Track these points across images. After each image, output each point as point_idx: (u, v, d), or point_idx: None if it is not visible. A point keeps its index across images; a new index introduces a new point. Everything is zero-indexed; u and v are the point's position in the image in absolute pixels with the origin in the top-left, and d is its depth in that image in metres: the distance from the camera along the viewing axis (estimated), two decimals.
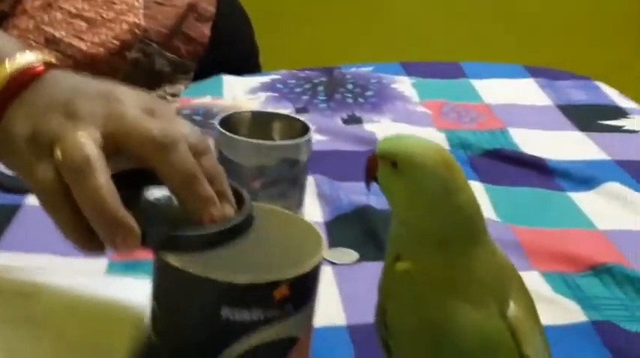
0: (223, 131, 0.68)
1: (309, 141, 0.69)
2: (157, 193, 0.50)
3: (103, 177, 0.45)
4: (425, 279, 0.43)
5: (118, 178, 0.47)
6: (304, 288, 0.48)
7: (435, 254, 0.43)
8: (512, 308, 0.44)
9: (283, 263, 0.48)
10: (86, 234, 0.46)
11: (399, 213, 0.45)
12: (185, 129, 0.48)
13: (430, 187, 0.43)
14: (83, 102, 0.48)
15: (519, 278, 0.46)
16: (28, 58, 0.50)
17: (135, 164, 0.51)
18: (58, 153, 0.45)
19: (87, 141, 0.45)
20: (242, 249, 0.53)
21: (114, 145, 0.47)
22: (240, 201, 0.50)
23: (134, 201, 0.49)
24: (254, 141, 0.67)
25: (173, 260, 0.46)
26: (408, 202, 0.44)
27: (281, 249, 0.53)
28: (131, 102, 0.48)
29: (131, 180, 0.50)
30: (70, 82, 0.50)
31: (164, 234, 0.45)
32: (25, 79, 0.50)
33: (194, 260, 0.47)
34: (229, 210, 0.48)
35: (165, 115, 0.49)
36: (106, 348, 0.51)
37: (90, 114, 0.47)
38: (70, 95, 0.49)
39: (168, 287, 0.48)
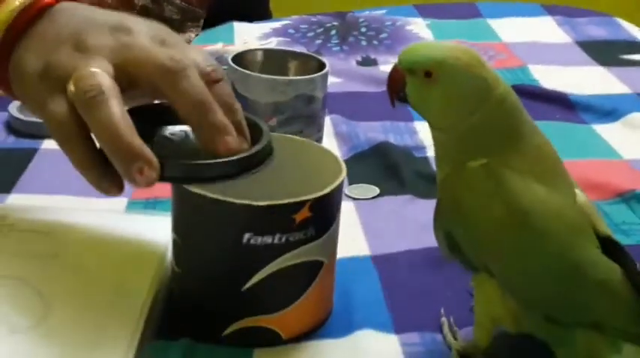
0: (236, 67, 0.67)
1: (325, 76, 0.68)
2: (174, 129, 0.49)
3: (116, 105, 0.43)
4: (503, 166, 0.42)
5: (136, 115, 0.46)
6: (325, 211, 0.47)
7: (493, 150, 0.43)
8: (580, 195, 0.44)
9: (303, 186, 0.47)
10: (103, 171, 0.45)
11: (441, 123, 0.44)
12: (197, 57, 0.47)
13: (472, 88, 0.42)
14: (93, 34, 0.47)
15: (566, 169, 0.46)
16: None
17: (150, 98, 0.50)
18: (71, 86, 0.44)
19: (98, 72, 0.44)
20: (261, 175, 0.52)
21: (126, 76, 0.46)
22: (258, 133, 0.49)
23: (152, 138, 0.48)
24: (268, 76, 0.65)
25: (192, 186, 0.45)
26: (449, 110, 0.43)
27: (301, 174, 0.52)
28: (141, 31, 0.47)
29: (149, 117, 0.49)
30: (80, 14, 0.49)
31: (182, 164, 0.44)
32: (34, 11, 0.49)
33: (213, 185, 0.46)
34: (243, 142, 0.46)
35: (177, 44, 0.47)
36: (128, 283, 0.50)
37: (100, 46, 0.46)
38: (79, 27, 0.48)
39: (189, 216, 0.47)
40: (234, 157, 0.45)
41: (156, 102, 0.50)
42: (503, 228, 0.42)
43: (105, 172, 0.45)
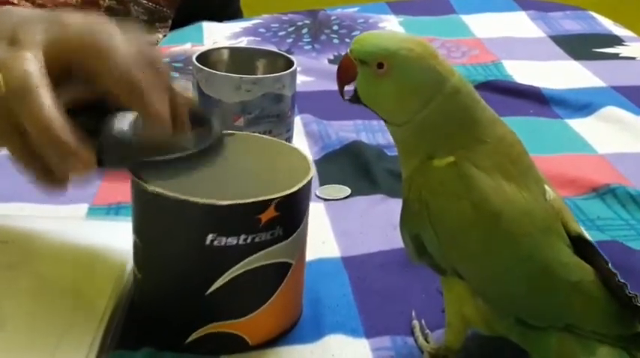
0: (200, 66, 0.65)
1: (293, 74, 0.66)
2: (119, 122, 0.48)
3: (46, 95, 0.42)
4: (470, 165, 0.41)
5: (82, 111, 0.45)
6: (293, 211, 0.46)
7: (453, 142, 0.41)
8: (549, 191, 0.42)
9: (271, 186, 0.46)
10: (43, 166, 0.44)
11: (394, 117, 0.42)
12: (130, 41, 0.46)
13: (425, 79, 0.41)
14: (27, 28, 0.46)
15: (534, 163, 0.44)
16: None
17: (88, 90, 0.48)
18: (0, 79, 0.43)
19: (27, 60, 0.43)
20: (226, 173, 0.50)
21: (60, 65, 0.45)
22: (208, 126, 0.48)
23: (96, 131, 0.46)
24: (233, 75, 0.64)
25: (151, 185, 0.44)
26: (402, 103, 0.41)
27: (268, 174, 0.50)
28: (76, 22, 0.46)
29: (94, 113, 0.47)
30: (16, 14, 0.48)
31: (121, 153, 0.44)
32: None
33: (173, 185, 0.44)
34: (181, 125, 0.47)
35: (109, 29, 0.46)
36: (88, 292, 0.48)
37: (32, 38, 0.45)
38: (15, 25, 0.47)
39: (149, 217, 0.45)
40: (177, 152, 0.45)
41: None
42: (473, 231, 0.40)
43: (44, 167, 0.44)
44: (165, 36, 0.99)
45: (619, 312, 0.41)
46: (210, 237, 0.44)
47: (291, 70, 0.65)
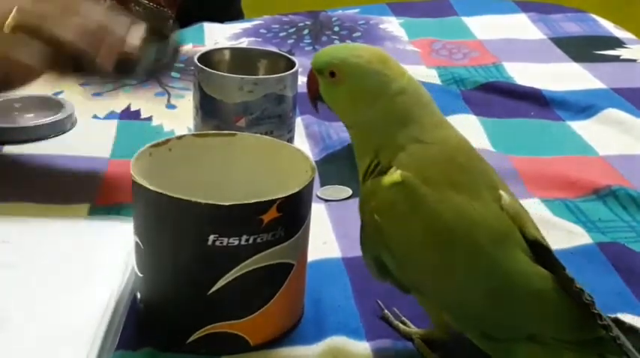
0: (202, 66, 0.65)
1: (295, 75, 0.66)
2: None
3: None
4: (418, 182, 0.41)
5: None
6: (295, 212, 0.46)
7: (392, 143, 0.42)
8: (504, 196, 0.42)
9: (273, 187, 0.46)
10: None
11: (351, 124, 0.45)
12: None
13: (368, 85, 0.43)
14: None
15: (489, 166, 0.44)
16: None
17: None
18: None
19: None
20: (228, 173, 0.50)
21: None
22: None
23: None
24: (235, 75, 0.64)
25: (153, 185, 0.44)
26: (354, 107, 0.44)
27: (268, 174, 0.50)
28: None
29: None
30: None
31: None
32: None
33: (174, 186, 0.44)
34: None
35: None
36: (88, 292, 0.48)
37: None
38: None
39: (151, 217, 0.45)
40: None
41: None
42: (427, 249, 0.40)
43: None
44: None
45: (579, 317, 0.40)
46: (212, 237, 0.44)
47: (292, 70, 0.65)
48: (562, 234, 0.59)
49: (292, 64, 0.66)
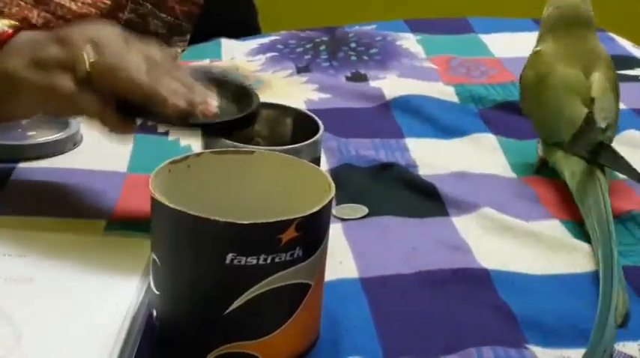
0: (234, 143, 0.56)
1: (316, 142, 0.58)
2: None
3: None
4: (543, 54, 0.72)
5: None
6: (313, 231, 0.45)
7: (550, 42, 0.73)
8: (596, 75, 0.69)
9: (291, 206, 0.45)
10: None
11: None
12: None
13: None
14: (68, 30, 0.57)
15: (608, 61, 0.72)
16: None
17: None
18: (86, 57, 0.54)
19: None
20: (246, 192, 0.50)
21: None
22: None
23: None
24: (272, 152, 0.54)
25: (172, 202, 0.43)
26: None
27: (287, 192, 0.50)
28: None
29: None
30: (38, 32, 0.58)
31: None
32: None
33: (193, 203, 0.44)
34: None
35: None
36: (104, 308, 0.48)
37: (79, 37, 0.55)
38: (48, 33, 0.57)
39: (169, 235, 0.45)
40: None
41: None
42: (532, 87, 0.72)
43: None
44: (183, 50, 0.99)
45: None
46: (230, 256, 0.43)
47: (317, 136, 0.59)
48: (584, 258, 0.58)
49: (315, 124, 0.60)
